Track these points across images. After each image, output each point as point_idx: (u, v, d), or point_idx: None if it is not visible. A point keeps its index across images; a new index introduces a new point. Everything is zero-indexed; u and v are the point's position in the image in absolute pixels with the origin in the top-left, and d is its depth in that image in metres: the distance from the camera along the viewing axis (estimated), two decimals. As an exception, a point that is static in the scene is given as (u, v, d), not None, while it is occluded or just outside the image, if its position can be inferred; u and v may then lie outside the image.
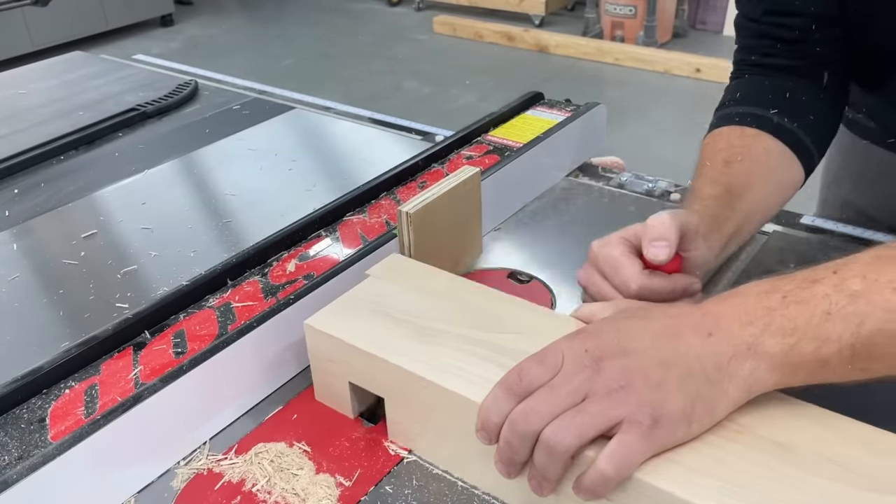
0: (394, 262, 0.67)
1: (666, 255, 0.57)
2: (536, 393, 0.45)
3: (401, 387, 0.54)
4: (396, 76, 4.14)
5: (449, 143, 0.93)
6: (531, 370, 0.46)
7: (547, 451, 0.44)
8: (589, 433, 0.43)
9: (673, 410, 0.44)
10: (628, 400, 0.44)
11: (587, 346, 0.47)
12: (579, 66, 4.18)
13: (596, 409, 0.44)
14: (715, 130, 0.74)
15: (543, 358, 0.47)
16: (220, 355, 0.59)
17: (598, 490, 0.43)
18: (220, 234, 0.85)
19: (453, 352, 0.54)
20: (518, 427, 0.45)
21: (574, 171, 0.98)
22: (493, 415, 0.46)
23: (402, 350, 0.54)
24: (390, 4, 5.48)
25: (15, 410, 0.56)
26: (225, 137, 1.09)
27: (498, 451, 0.47)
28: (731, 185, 0.66)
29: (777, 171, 0.70)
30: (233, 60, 4.47)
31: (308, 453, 0.57)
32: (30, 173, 1.03)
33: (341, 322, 0.58)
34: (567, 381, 0.45)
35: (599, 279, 0.61)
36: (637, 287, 0.57)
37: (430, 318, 0.57)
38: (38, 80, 1.37)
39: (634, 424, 0.43)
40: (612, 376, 0.45)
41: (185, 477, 0.56)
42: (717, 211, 0.64)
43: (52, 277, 0.79)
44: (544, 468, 0.45)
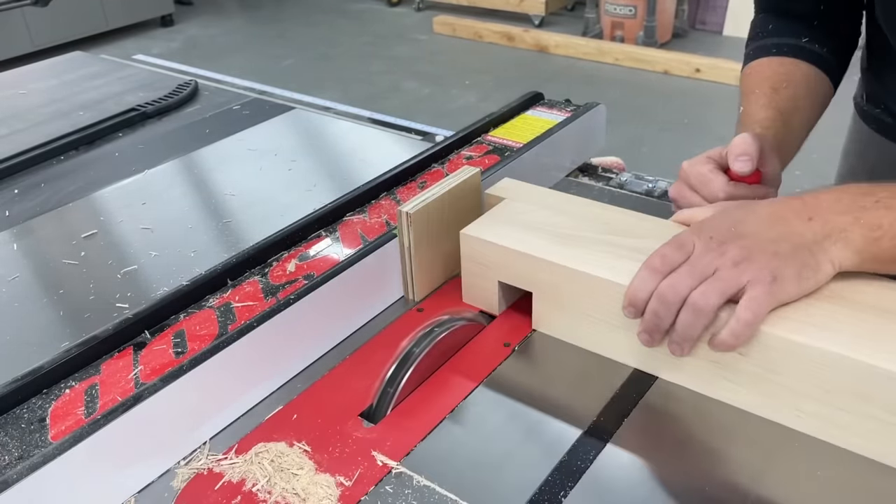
0: (507, 184, 0.76)
1: (749, 167, 0.66)
2: (677, 270, 0.56)
3: (551, 280, 0.64)
4: (396, 76, 4.14)
5: (449, 143, 0.93)
6: (669, 253, 0.57)
7: (694, 311, 0.54)
8: (727, 293, 0.54)
9: (787, 271, 0.54)
10: (751, 266, 0.54)
11: (711, 234, 0.57)
12: (579, 66, 4.18)
13: (728, 275, 0.54)
14: (754, 62, 0.83)
15: (677, 243, 0.57)
16: (220, 355, 0.59)
17: (738, 337, 0.53)
18: (220, 234, 0.85)
19: (593, 252, 0.64)
20: (667, 297, 0.55)
21: (574, 171, 0.98)
22: (641, 291, 0.57)
23: (550, 250, 0.65)
24: (390, 4, 5.49)
25: (15, 410, 0.56)
26: (225, 137, 1.09)
27: (644, 323, 0.57)
28: (783, 108, 0.76)
29: (815, 93, 0.81)
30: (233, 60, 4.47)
31: (308, 453, 0.57)
32: (30, 173, 1.03)
33: (493, 231, 0.68)
34: (701, 259, 0.56)
35: (689, 192, 0.70)
36: (724, 196, 0.67)
37: (566, 227, 0.68)
38: (38, 80, 1.37)
39: (759, 283, 0.54)
40: (736, 252, 0.55)
41: (185, 477, 0.56)
42: (776, 130, 0.73)
43: (52, 277, 0.79)
44: (689, 328, 0.55)
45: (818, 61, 0.81)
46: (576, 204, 0.73)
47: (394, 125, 1.13)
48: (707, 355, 0.58)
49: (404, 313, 0.72)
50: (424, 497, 0.53)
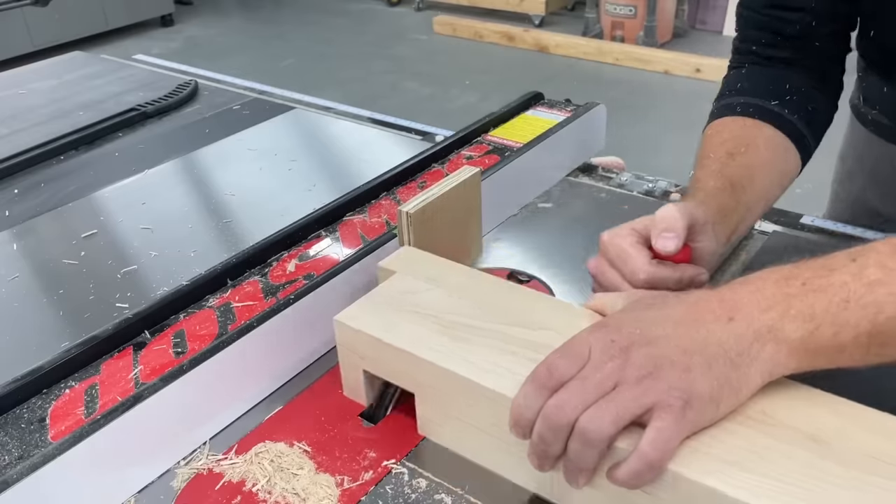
0: (406, 254, 0.67)
1: (674, 245, 0.58)
2: (567, 385, 0.46)
3: (433, 383, 0.55)
4: (396, 76, 4.14)
5: (449, 143, 0.93)
6: (559, 364, 0.47)
7: (583, 439, 0.45)
8: (624, 419, 0.44)
9: (702, 392, 0.45)
10: (658, 385, 0.45)
11: (612, 338, 0.48)
12: (579, 66, 4.18)
13: (628, 395, 0.45)
14: (716, 121, 0.75)
15: (570, 351, 0.48)
16: (220, 355, 0.59)
17: (640, 477, 0.44)
18: (220, 234, 0.85)
19: (482, 348, 0.54)
20: (552, 420, 0.46)
21: (574, 171, 0.98)
22: (525, 411, 0.47)
23: (434, 346, 0.55)
24: (390, 4, 5.48)
25: (15, 410, 0.56)
26: (225, 137, 1.09)
27: (531, 446, 0.47)
28: (735, 176, 0.67)
29: (778, 162, 0.72)
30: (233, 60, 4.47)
31: (308, 453, 0.57)
32: (30, 173, 1.03)
33: (371, 318, 0.59)
34: (596, 372, 0.46)
35: (609, 269, 0.62)
36: (646, 276, 0.58)
37: (459, 314, 0.58)
38: (38, 80, 1.37)
39: (667, 408, 0.44)
40: (641, 364, 0.46)
41: (185, 477, 0.56)
42: (722, 202, 0.65)
43: (52, 277, 0.79)
44: (580, 458, 0.46)
45: (785, 127, 0.72)
46: (478, 282, 0.63)
47: (394, 125, 1.13)
48: (610, 487, 0.46)
49: (404, 313, 0.72)
50: (424, 497, 0.53)
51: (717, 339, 0.47)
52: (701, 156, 0.72)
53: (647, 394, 0.44)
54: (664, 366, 0.45)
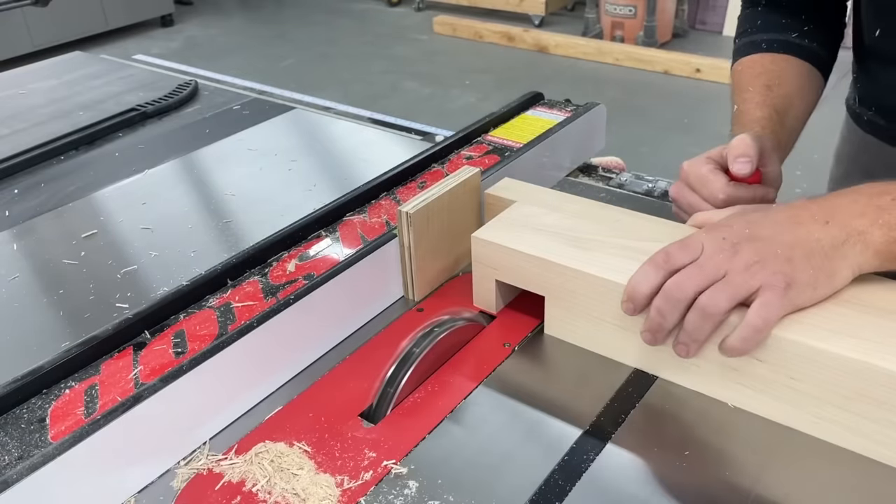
0: (511, 184, 0.77)
1: (749, 168, 0.66)
2: (685, 269, 0.54)
3: (563, 284, 0.64)
4: (396, 76, 4.14)
5: (449, 144, 0.93)
6: (676, 252, 0.55)
7: (702, 313, 0.53)
8: (737, 297, 0.53)
9: (801, 277, 0.53)
10: (763, 271, 0.53)
11: (724, 235, 0.55)
12: (579, 66, 4.18)
13: (739, 278, 0.53)
14: (745, 58, 0.83)
15: (686, 243, 0.56)
16: (220, 355, 0.59)
17: (747, 343, 0.53)
18: (220, 234, 0.85)
19: (605, 255, 0.63)
20: (672, 295, 0.54)
21: (574, 171, 0.98)
22: (641, 286, 0.56)
23: (562, 254, 0.64)
24: (390, 4, 5.48)
25: (15, 410, 0.56)
26: (225, 137, 1.09)
27: (648, 321, 0.56)
28: (778, 106, 0.76)
29: (807, 89, 0.81)
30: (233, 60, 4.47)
31: (308, 453, 0.57)
32: (30, 173, 1.03)
33: (505, 234, 0.68)
34: (710, 260, 0.54)
35: (689, 193, 0.69)
36: (724, 196, 0.66)
37: (578, 230, 0.67)
38: (38, 80, 1.37)
39: (771, 288, 0.52)
40: (748, 255, 0.54)
41: (185, 477, 0.56)
42: (773, 130, 0.73)
43: (52, 277, 0.79)
44: (696, 330, 0.54)
45: (809, 56, 0.81)
46: (583, 205, 0.73)
47: (394, 125, 1.13)
48: (718, 358, 0.57)
49: (404, 313, 0.72)
50: (424, 497, 0.53)
51: (815, 237, 0.54)
52: (739, 89, 0.80)
53: (754, 277, 0.53)
54: (769, 256, 0.53)
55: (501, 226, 0.69)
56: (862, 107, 0.91)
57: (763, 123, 0.74)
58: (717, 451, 0.56)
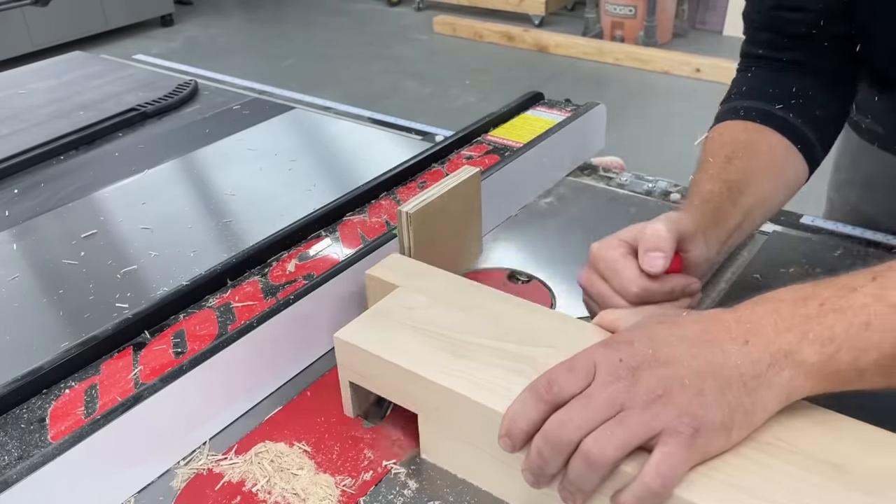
0: (396, 262, 0.67)
1: (662, 265, 0.57)
2: (571, 402, 0.45)
3: (435, 403, 0.53)
4: (396, 76, 4.13)
5: (449, 143, 0.93)
6: (561, 378, 0.46)
7: (586, 462, 0.43)
8: (631, 444, 0.43)
9: (713, 419, 0.43)
10: (667, 410, 0.43)
11: (621, 356, 0.46)
12: (579, 66, 4.18)
13: (635, 420, 0.43)
14: (719, 124, 0.74)
15: (574, 366, 0.46)
16: (220, 355, 0.59)
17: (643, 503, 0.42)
18: (220, 234, 0.85)
19: (485, 365, 0.53)
20: (552, 437, 0.44)
21: (574, 171, 0.98)
22: (519, 420, 0.46)
23: (433, 364, 0.53)
24: (390, 4, 5.48)
25: (15, 410, 0.56)
26: (225, 137, 1.09)
27: (527, 461, 0.46)
28: (732, 181, 0.66)
29: (780, 167, 0.70)
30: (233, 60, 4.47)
31: (308, 453, 0.57)
32: (30, 173, 1.03)
33: (372, 335, 0.57)
34: (602, 392, 0.44)
35: (599, 281, 0.60)
36: (637, 290, 0.58)
37: (460, 329, 0.56)
38: (38, 80, 1.37)
39: (675, 435, 0.42)
40: (650, 386, 0.44)
41: (185, 477, 0.56)
42: (717, 205, 0.64)
43: (52, 277, 0.79)
44: (581, 480, 0.44)
45: (789, 132, 0.70)
46: (477, 296, 0.61)
47: (394, 125, 1.13)
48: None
49: (404, 313, 0.72)
50: (424, 497, 0.53)
51: (732, 362, 0.45)
52: (701, 160, 0.70)
53: (656, 419, 0.43)
54: (675, 389, 0.44)
55: (372, 323, 0.58)
56: (860, 114, 0.89)
57: (708, 197, 0.64)
58: None
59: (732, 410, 0.44)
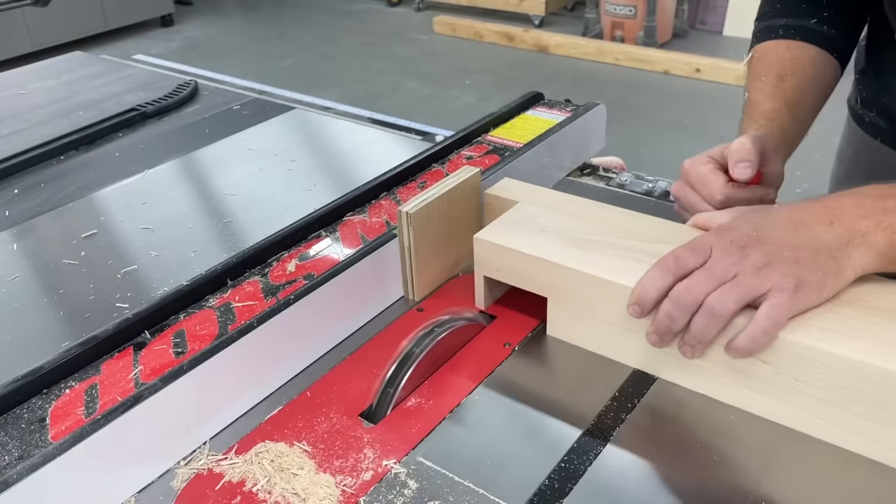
0: (509, 184, 0.77)
1: (749, 174, 0.66)
2: (695, 273, 0.55)
3: (566, 285, 0.63)
4: (396, 76, 4.14)
5: (449, 143, 0.93)
6: (685, 255, 0.56)
7: (710, 314, 0.53)
8: (745, 298, 0.53)
9: (809, 278, 0.54)
10: (773, 273, 0.53)
11: (732, 238, 0.56)
12: (579, 66, 4.18)
13: (749, 280, 0.53)
14: (761, 44, 0.82)
15: (694, 247, 0.56)
16: (220, 355, 0.59)
17: (755, 344, 0.53)
18: (220, 234, 0.85)
19: (607, 256, 0.63)
20: (682, 299, 0.54)
21: (574, 171, 0.98)
22: (649, 290, 0.56)
23: (565, 255, 0.64)
24: (390, 4, 5.48)
25: (15, 410, 0.56)
26: (225, 137, 1.09)
27: (655, 323, 0.56)
28: (789, 97, 0.75)
29: (822, 78, 0.80)
30: (233, 60, 4.47)
31: (308, 453, 0.57)
32: (30, 173, 1.03)
33: (507, 235, 0.67)
34: (719, 264, 0.54)
35: (690, 191, 0.70)
36: (722, 198, 0.67)
37: (580, 231, 0.67)
38: (38, 80, 1.37)
39: (780, 290, 0.53)
40: (757, 258, 0.54)
41: (185, 477, 0.55)
42: (782, 123, 0.73)
43: (52, 277, 0.79)
44: (703, 331, 0.54)
45: (826, 44, 0.80)
46: (583, 205, 0.73)
47: (394, 125, 1.13)
48: (722, 359, 0.57)
49: (404, 313, 0.72)
50: (424, 497, 0.53)
51: (820, 238, 0.55)
52: (752, 78, 0.79)
53: (765, 280, 0.53)
54: (776, 258, 0.54)
55: (503, 227, 0.69)
56: (864, 108, 0.90)
57: (771, 116, 0.74)
58: (718, 452, 0.56)
59: (824, 273, 0.54)
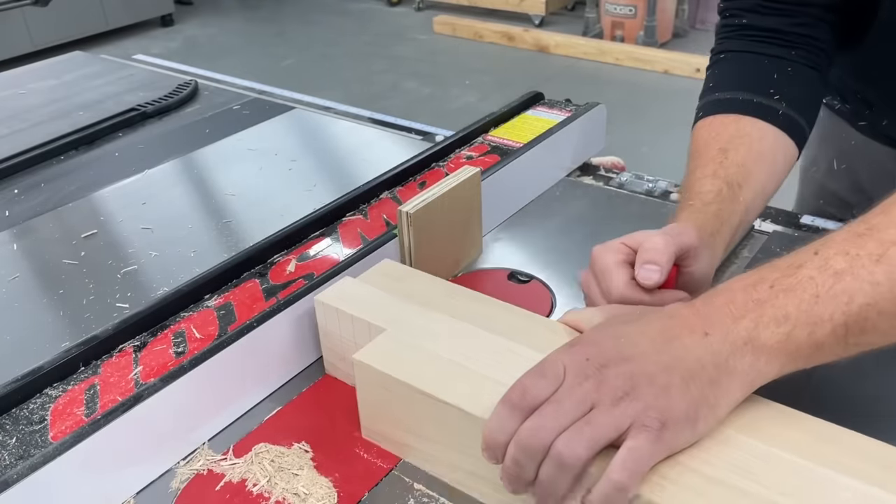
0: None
1: (656, 279, 0.57)
2: (542, 408, 0.45)
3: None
4: (396, 76, 4.14)
5: (449, 143, 0.93)
6: (533, 385, 0.46)
7: (558, 464, 0.43)
8: (600, 443, 0.43)
9: (679, 413, 0.44)
10: (635, 406, 0.44)
11: (588, 356, 0.46)
12: (579, 66, 4.18)
13: (604, 418, 0.43)
14: (705, 119, 0.72)
15: (544, 371, 0.46)
16: (220, 355, 0.59)
17: (611, 500, 0.42)
18: (220, 234, 0.85)
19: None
20: (526, 444, 0.44)
21: (574, 171, 0.98)
22: (498, 434, 0.46)
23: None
24: (390, 4, 5.48)
25: (15, 410, 0.56)
26: (225, 137, 1.09)
27: (504, 469, 0.46)
28: (731, 177, 0.65)
29: (772, 154, 0.69)
30: (233, 60, 4.47)
31: (308, 453, 0.57)
32: (30, 173, 1.03)
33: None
34: (571, 393, 0.45)
35: (594, 282, 0.61)
36: (618, 296, 0.58)
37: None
38: (38, 80, 1.37)
39: (642, 429, 0.43)
40: (617, 384, 0.44)
41: (185, 477, 0.56)
42: (720, 207, 0.64)
43: (52, 277, 0.79)
44: (553, 482, 0.44)
45: (776, 119, 0.70)
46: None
47: (394, 125, 1.13)
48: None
49: (404, 313, 0.72)
50: (424, 498, 0.53)
51: (694, 355, 0.46)
52: (693, 156, 0.70)
53: (623, 415, 0.43)
54: (641, 384, 0.44)
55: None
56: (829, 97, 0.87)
57: (708, 199, 0.64)
58: None
59: (697, 403, 0.44)
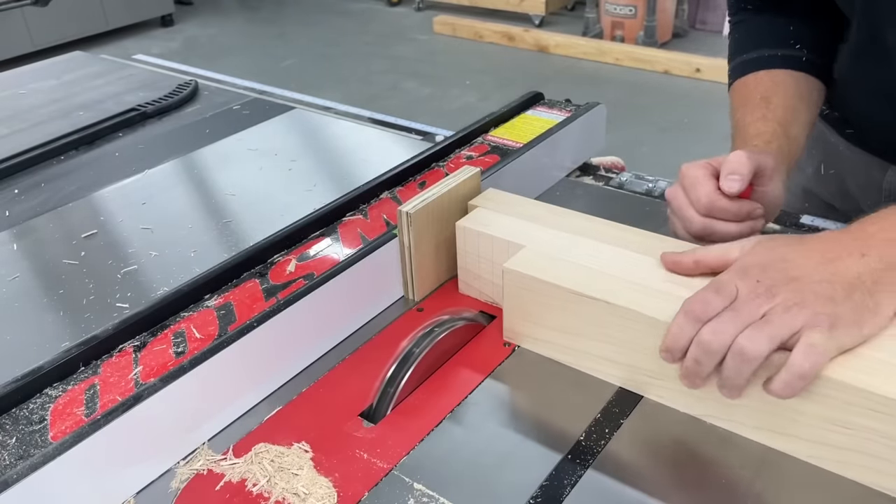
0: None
1: (737, 187, 0.63)
2: (721, 315, 0.51)
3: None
4: (396, 76, 4.14)
5: (449, 143, 0.93)
6: (711, 299, 0.52)
7: (740, 357, 0.50)
8: (778, 338, 0.49)
9: (846, 317, 0.50)
10: (805, 311, 0.50)
11: (758, 278, 0.52)
12: (579, 66, 4.18)
13: (780, 319, 0.50)
14: (738, 80, 0.81)
15: (719, 288, 0.52)
16: (220, 355, 0.59)
17: (792, 389, 0.49)
18: (220, 234, 0.85)
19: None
20: (710, 345, 0.50)
21: (574, 171, 0.98)
22: (680, 339, 0.52)
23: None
24: (390, 4, 5.48)
25: (15, 410, 0.56)
26: (225, 137, 1.09)
27: (684, 369, 0.53)
28: (780, 118, 0.74)
29: (808, 93, 0.78)
30: (233, 60, 4.47)
31: (308, 453, 0.57)
32: (30, 173, 1.03)
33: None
34: (746, 305, 0.51)
35: (681, 193, 0.67)
36: (707, 202, 0.64)
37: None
38: (38, 80, 1.37)
39: (815, 329, 0.49)
40: (787, 297, 0.51)
41: (185, 477, 0.56)
42: (779, 143, 0.71)
43: (52, 277, 0.79)
44: (735, 375, 0.50)
45: (802, 65, 0.79)
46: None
47: (394, 125, 1.13)
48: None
49: (404, 313, 0.72)
50: (424, 498, 0.53)
51: (854, 272, 0.52)
52: (737, 109, 0.78)
53: (796, 318, 0.49)
54: (809, 297, 0.50)
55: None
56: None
57: (768, 138, 0.72)
58: (708, 465, 0.55)
59: (861, 310, 0.51)
